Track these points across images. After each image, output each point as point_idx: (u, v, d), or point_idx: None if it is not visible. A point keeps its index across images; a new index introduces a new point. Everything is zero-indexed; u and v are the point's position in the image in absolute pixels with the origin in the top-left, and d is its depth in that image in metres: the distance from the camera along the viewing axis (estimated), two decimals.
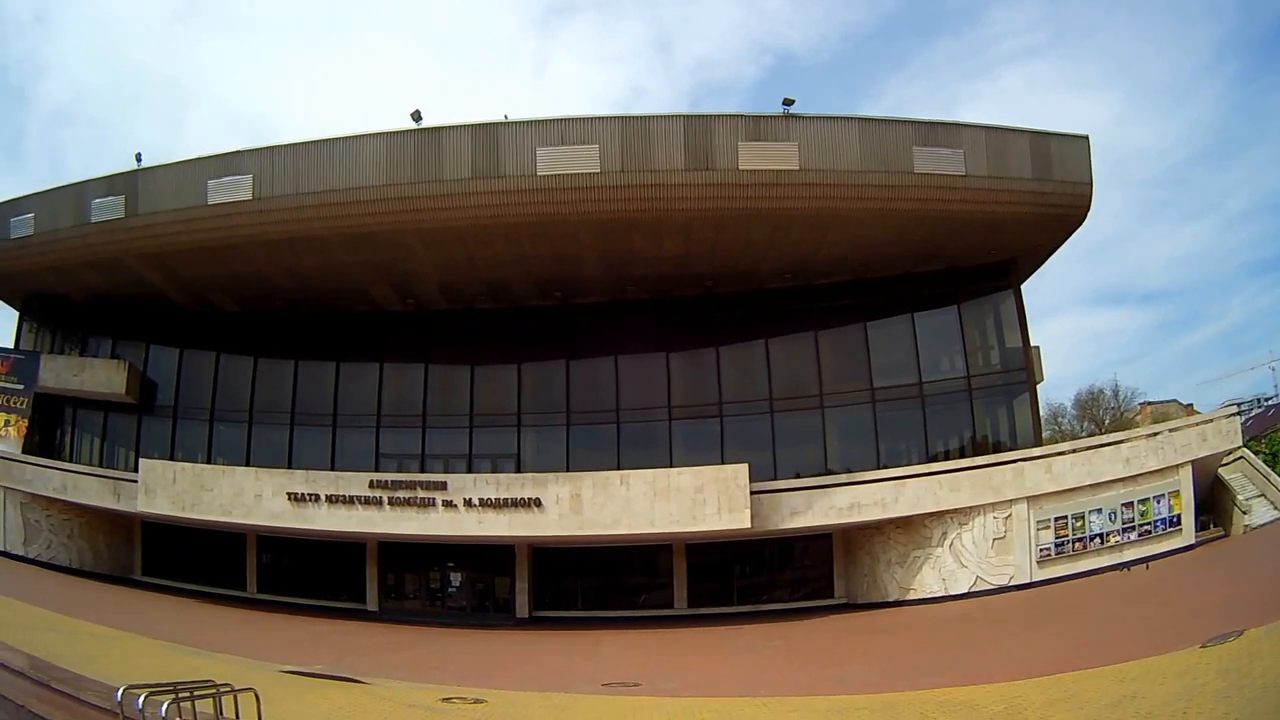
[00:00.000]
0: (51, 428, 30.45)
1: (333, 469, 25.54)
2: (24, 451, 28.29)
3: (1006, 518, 22.76)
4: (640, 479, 22.70)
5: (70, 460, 29.05)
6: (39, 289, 29.59)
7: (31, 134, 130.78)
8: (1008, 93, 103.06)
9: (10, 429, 28.82)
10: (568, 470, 24.32)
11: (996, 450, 24.52)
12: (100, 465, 28.78)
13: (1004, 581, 22.42)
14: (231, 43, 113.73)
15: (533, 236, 23.29)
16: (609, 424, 25.99)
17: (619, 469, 23.73)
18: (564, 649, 20.64)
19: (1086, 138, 23.79)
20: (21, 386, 29.08)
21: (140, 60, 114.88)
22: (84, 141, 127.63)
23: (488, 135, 22.30)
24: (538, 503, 22.66)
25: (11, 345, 31.05)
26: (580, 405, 26.40)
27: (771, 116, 22.45)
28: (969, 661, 13.23)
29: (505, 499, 22.80)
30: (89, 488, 26.42)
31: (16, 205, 27.82)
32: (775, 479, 23.87)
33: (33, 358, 29.71)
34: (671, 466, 23.61)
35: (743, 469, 22.44)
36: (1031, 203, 23.57)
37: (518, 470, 25.41)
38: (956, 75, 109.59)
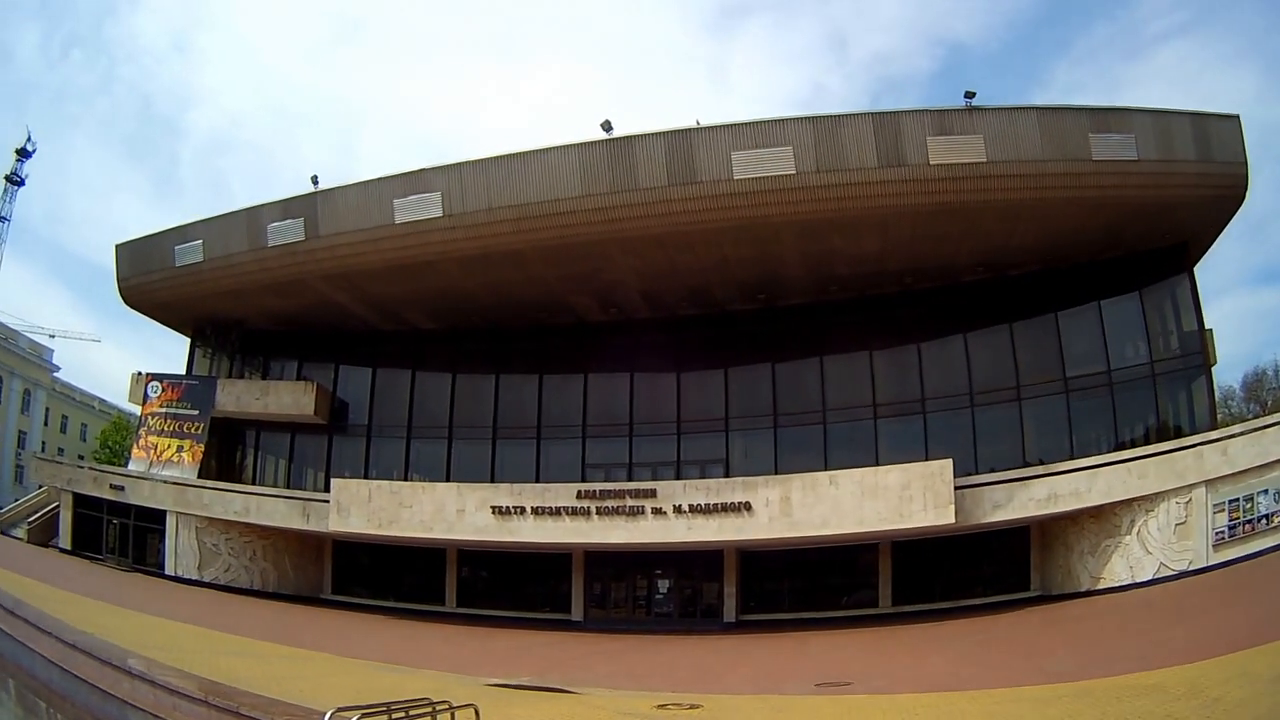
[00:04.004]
0: (231, 451, 30.82)
1: (537, 481, 25.79)
2: (200, 476, 28.53)
3: (1187, 502, 22.49)
4: (849, 479, 22.69)
5: (253, 483, 29.42)
6: (212, 315, 29.95)
7: (186, 162, 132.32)
8: (1163, 74, 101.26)
9: (184, 454, 29.07)
10: (775, 473, 24.41)
11: (1177, 435, 24.29)
12: (286, 486, 29.10)
13: (1184, 567, 22.13)
14: (398, 64, 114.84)
15: (733, 240, 23.43)
16: (815, 425, 26.00)
17: (826, 469, 23.76)
18: (773, 651, 20.66)
19: (1238, 117, 23.64)
20: (196, 412, 29.34)
21: (302, 84, 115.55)
22: (246, 167, 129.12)
23: (681, 142, 22.43)
24: (747, 506, 22.69)
25: (183, 371, 31.38)
26: (787, 407, 26.46)
27: (955, 110, 22.54)
28: (1158, 646, 13.28)
29: (715, 504, 22.87)
30: (275, 509, 26.70)
31: (183, 233, 28.18)
32: (975, 473, 23.78)
33: (208, 383, 29.98)
34: (878, 465, 23.55)
35: (947, 464, 22.33)
36: (1197, 185, 23.43)
37: (725, 475, 25.46)
38: (1117, 57, 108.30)
